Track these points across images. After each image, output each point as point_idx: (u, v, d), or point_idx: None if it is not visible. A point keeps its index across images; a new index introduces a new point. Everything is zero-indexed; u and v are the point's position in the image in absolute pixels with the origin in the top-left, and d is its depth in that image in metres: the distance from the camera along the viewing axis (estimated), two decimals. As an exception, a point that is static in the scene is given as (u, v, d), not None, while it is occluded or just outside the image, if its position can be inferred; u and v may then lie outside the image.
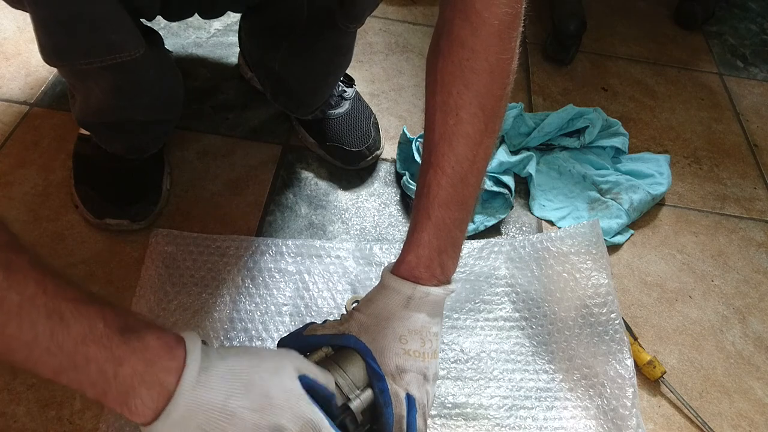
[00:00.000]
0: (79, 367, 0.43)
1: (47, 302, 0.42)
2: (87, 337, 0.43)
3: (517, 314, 0.85)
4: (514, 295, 0.86)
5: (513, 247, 0.90)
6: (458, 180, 0.60)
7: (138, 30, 0.69)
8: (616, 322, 0.82)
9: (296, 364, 0.54)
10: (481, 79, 0.58)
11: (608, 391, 0.77)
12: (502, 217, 0.95)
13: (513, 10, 0.57)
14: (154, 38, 0.79)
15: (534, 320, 0.84)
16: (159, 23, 1.05)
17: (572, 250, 0.89)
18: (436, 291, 0.60)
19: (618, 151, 1.08)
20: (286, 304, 0.82)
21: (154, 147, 0.91)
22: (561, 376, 0.79)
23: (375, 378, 0.59)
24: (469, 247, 0.90)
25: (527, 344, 0.82)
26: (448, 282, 0.63)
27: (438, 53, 0.60)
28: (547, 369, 0.80)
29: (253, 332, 0.79)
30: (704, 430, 0.78)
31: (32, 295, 0.41)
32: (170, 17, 0.84)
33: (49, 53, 0.67)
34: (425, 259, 0.60)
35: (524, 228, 0.97)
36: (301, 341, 0.63)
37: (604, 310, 0.83)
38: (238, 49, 1.12)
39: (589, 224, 0.91)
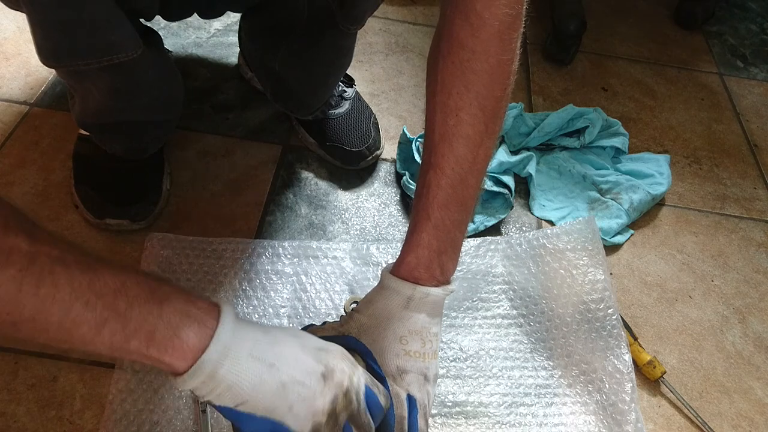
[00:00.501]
0: (120, 313, 0.42)
1: (78, 260, 0.41)
2: (125, 284, 0.42)
3: (514, 311, 0.85)
4: (511, 292, 0.86)
5: (509, 245, 0.90)
6: (458, 181, 0.60)
7: (136, 30, 0.69)
8: (614, 317, 0.82)
9: None
10: (482, 80, 0.58)
11: (607, 386, 0.77)
12: (502, 217, 0.95)
13: (513, 11, 0.57)
14: (154, 38, 0.79)
15: (532, 317, 0.84)
16: (159, 23, 1.05)
17: (568, 247, 0.89)
18: (435, 291, 0.60)
19: (618, 151, 1.08)
20: (283, 306, 0.82)
21: (153, 147, 0.90)
22: (560, 373, 0.79)
23: (376, 379, 0.58)
24: (465, 245, 0.89)
25: (525, 341, 0.82)
26: (447, 282, 0.63)
27: (438, 54, 0.60)
28: (546, 365, 0.80)
29: (253, 333, 0.79)
30: (704, 430, 0.78)
31: (61, 256, 0.40)
32: (169, 17, 0.84)
33: (46, 54, 0.67)
34: (425, 260, 0.60)
35: (524, 228, 0.97)
36: (300, 342, 0.63)
37: (601, 306, 0.83)
38: (238, 49, 1.12)
39: (585, 221, 0.91)
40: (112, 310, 0.41)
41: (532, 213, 1.00)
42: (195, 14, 0.84)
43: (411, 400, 0.59)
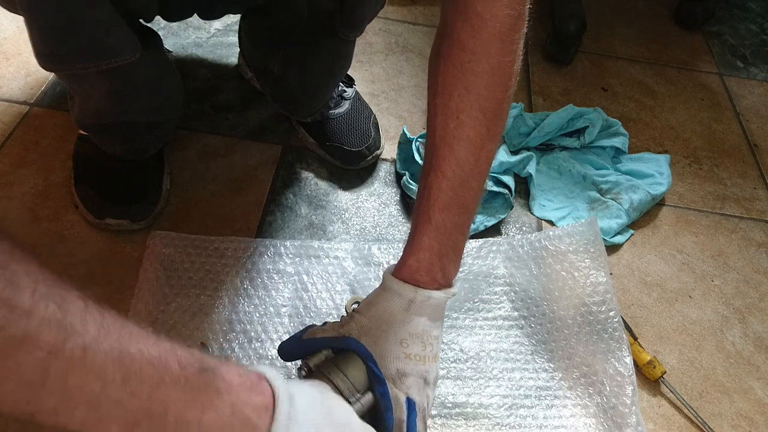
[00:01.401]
0: (155, 417, 0.37)
1: (113, 343, 0.35)
2: (162, 380, 0.37)
3: (516, 313, 0.85)
4: (512, 294, 0.86)
5: (511, 246, 0.90)
6: (459, 183, 0.60)
7: (134, 34, 0.68)
8: (615, 320, 0.82)
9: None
10: (483, 81, 0.58)
11: (608, 389, 0.77)
12: (502, 217, 0.95)
13: (515, 12, 0.57)
14: (153, 40, 0.79)
15: (533, 319, 0.84)
16: (159, 23, 1.05)
17: (570, 249, 0.89)
18: (437, 295, 0.60)
19: (618, 151, 1.08)
20: (285, 306, 0.82)
21: (153, 148, 0.90)
22: (560, 375, 0.79)
23: (376, 382, 0.58)
24: (467, 246, 0.88)
25: (526, 343, 0.82)
26: (449, 285, 0.63)
27: (439, 55, 0.60)
28: (547, 367, 0.80)
29: (252, 334, 0.79)
30: (704, 430, 0.78)
31: (95, 337, 0.34)
32: (169, 18, 0.84)
33: (44, 58, 0.67)
34: (426, 263, 0.60)
35: (524, 228, 0.97)
36: (301, 345, 0.63)
37: (603, 309, 0.83)
38: (238, 49, 1.12)
39: (587, 222, 0.91)
40: (144, 412, 0.36)
41: (532, 213, 1.00)
42: (195, 14, 0.84)
43: (410, 403, 0.58)
